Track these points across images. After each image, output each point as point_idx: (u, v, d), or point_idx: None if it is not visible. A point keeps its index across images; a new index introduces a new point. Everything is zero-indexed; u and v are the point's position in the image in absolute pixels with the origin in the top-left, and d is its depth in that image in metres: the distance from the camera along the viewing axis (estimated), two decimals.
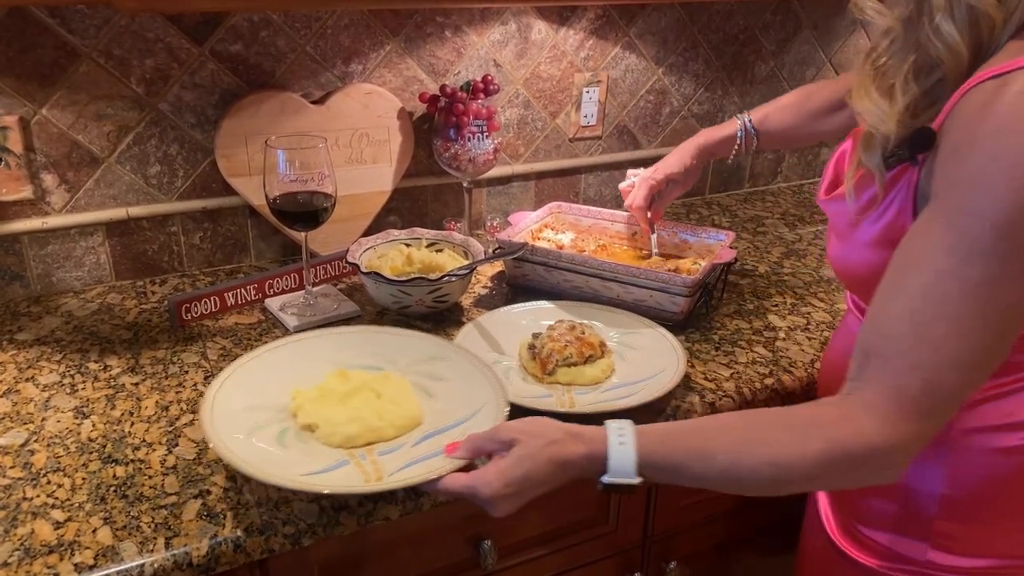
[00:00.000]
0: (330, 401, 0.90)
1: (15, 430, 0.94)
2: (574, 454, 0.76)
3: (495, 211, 1.61)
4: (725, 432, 0.76)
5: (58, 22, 1.16)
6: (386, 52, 1.39)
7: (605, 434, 0.75)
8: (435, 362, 1.00)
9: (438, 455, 0.82)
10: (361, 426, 0.87)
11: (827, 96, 1.23)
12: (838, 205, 0.83)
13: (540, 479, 0.75)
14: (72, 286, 1.30)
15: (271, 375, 0.95)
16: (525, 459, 0.75)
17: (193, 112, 1.29)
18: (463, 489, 0.76)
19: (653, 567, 1.17)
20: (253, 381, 0.93)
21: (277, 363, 0.98)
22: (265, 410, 0.91)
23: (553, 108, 1.59)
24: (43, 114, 1.19)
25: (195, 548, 0.78)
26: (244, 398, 0.90)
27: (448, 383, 0.96)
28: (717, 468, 0.73)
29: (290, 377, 0.95)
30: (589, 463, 0.75)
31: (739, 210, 1.77)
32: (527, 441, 0.76)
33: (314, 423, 0.88)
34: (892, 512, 0.88)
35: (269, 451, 0.85)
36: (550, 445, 0.75)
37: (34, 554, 0.76)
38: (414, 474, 0.80)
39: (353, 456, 0.85)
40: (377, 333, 1.07)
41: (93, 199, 1.27)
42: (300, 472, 0.81)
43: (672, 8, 1.62)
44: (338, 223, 1.29)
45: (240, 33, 1.27)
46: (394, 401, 0.91)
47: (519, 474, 0.74)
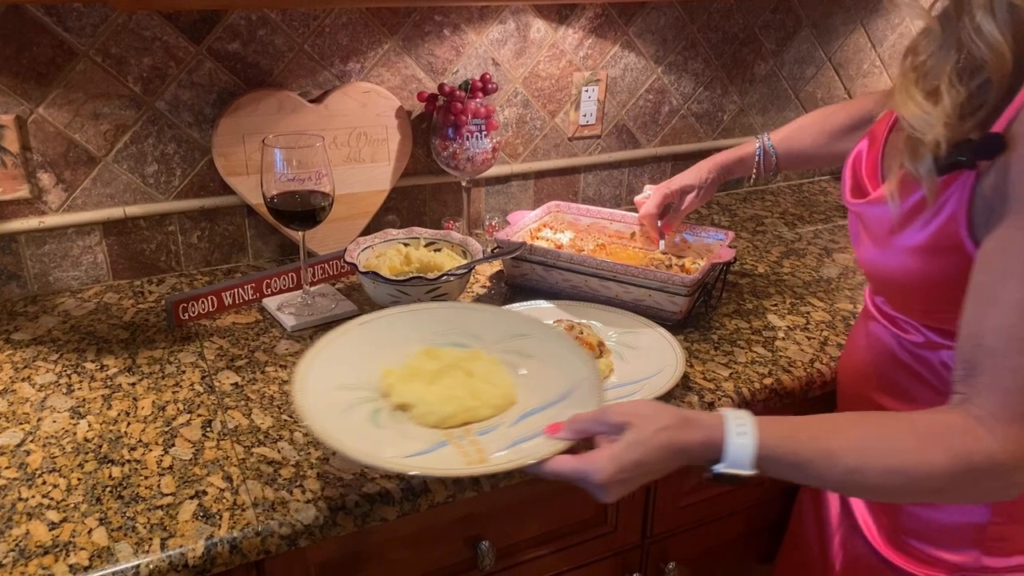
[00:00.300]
0: (421, 380, 0.88)
1: (11, 430, 0.94)
2: (690, 441, 0.73)
3: (493, 210, 1.60)
4: (849, 434, 0.73)
5: (55, 20, 1.15)
6: (384, 51, 1.39)
7: (722, 422, 0.73)
8: (521, 339, 0.96)
9: (538, 435, 0.79)
10: (457, 406, 0.84)
11: (845, 117, 1.22)
12: (875, 209, 0.81)
13: (653, 465, 0.73)
14: (69, 285, 1.30)
15: (355, 354, 0.91)
16: (638, 444, 0.72)
17: (190, 111, 1.28)
18: (572, 473, 0.74)
19: (652, 568, 1.16)
20: (338, 360, 0.89)
21: (360, 342, 0.93)
22: (355, 390, 0.87)
23: (552, 107, 1.58)
24: (39, 113, 1.19)
25: (191, 549, 0.77)
26: (333, 377, 0.87)
27: (536, 360, 0.93)
28: (840, 470, 0.71)
29: (374, 356, 0.91)
30: (704, 450, 0.73)
31: (739, 209, 1.77)
32: (640, 425, 0.73)
33: (408, 403, 0.85)
34: (941, 522, 0.88)
35: (366, 432, 0.81)
36: (664, 430, 0.73)
37: (29, 555, 0.76)
38: (517, 455, 0.77)
39: (451, 437, 0.82)
40: (458, 310, 1.03)
41: (90, 198, 1.27)
42: (401, 454, 0.78)
43: (671, 7, 1.61)
44: (336, 222, 1.29)
45: (238, 31, 1.27)
46: (486, 380, 0.88)
47: (633, 459, 0.72)
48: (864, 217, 0.86)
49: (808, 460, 0.72)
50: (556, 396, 0.86)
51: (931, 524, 0.88)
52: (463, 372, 0.89)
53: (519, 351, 0.94)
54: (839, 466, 0.71)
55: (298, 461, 0.90)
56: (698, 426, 0.74)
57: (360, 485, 0.86)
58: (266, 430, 0.95)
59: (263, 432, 0.94)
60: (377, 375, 0.89)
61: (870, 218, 0.84)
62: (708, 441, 0.73)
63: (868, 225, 0.85)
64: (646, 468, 0.73)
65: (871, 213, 0.84)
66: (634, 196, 1.75)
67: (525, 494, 0.98)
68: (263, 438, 0.93)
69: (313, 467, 0.89)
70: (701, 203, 1.32)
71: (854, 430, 0.74)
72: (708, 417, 0.75)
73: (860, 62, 1.91)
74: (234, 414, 0.98)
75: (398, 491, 0.86)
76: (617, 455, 0.72)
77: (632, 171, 1.73)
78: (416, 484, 0.86)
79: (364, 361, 0.90)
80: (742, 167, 1.30)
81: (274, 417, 0.97)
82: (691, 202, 1.31)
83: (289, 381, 1.04)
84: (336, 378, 0.87)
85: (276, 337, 1.16)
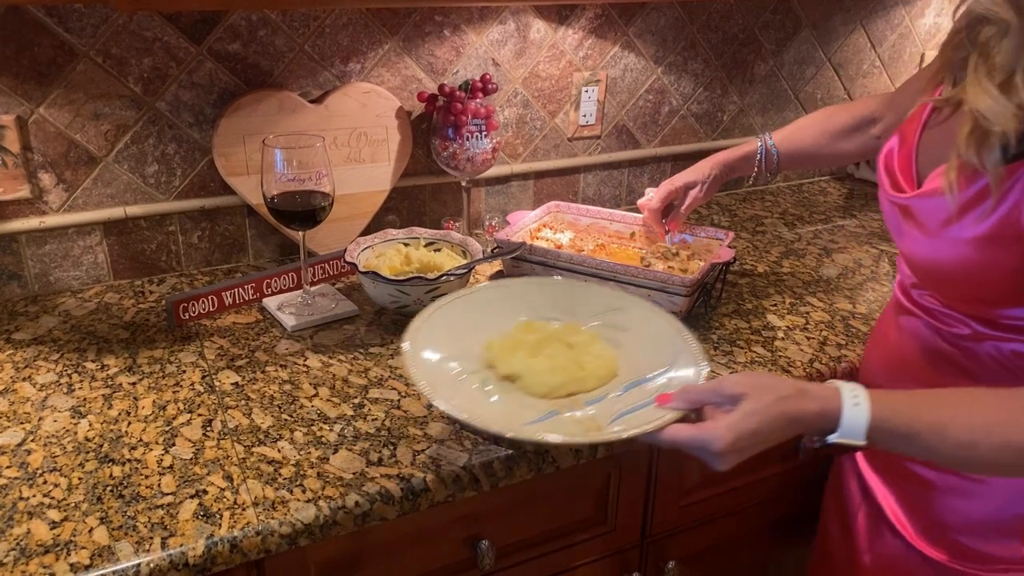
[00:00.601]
0: (523, 352, 0.89)
1: (12, 429, 0.94)
2: (806, 411, 0.75)
3: (493, 210, 1.61)
4: (960, 408, 0.75)
5: (55, 21, 1.16)
6: (384, 51, 1.39)
7: (838, 393, 0.75)
8: (615, 313, 0.97)
9: (647, 406, 0.81)
10: (564, 376, 0.86)
11: (847, 117, 1.23)
12: (927, 202, 0.82)
13: (768, 434, 0.75)
14: (70, 285, 1.30)
15: (455, 327, 0.93)
16: (755, 414, 0.75)
17: (191, 111, 1.29)
18: (690, 441, 0.76)
19: (652, 567, 1.16)
20: (439, 334, 0.91)
21: (458, 316, 0.95)
22: (461, 360, 0.89)
23: (552, 107, 1.58)
24: (40, 113, 1.19)
25: (191, 548, 0.78)
26: (438, 350, 0.89)
27: (632, 333, 0.94)
28: (951, 443, 0.72)
29: (473, 329, 0.93)
30: (819, 421, 0.75)
31: (738, 209, 1.77)
32: (756, 396, 0.75)
33: (516, 373, 0.87)
34: (984, 515, 0.88)
35: (480, 402, 0.83)
36: (781, 400, 0.75)
37: (30, 554, 0.76)
38: (632, 424, 0.79)
39: (560, 406, 0.84)
40: (552, 285, 1.04)
41: (91, 198, 1.27)
42: (519, 423, 0.80)
43: (671, 7, 1.61)
44: (336, 222, 1.29)
45: (238, 32, 1.27)
46: (587, 352, 0.90)
47: (750, 429, 0.74)
48: (914, 210, 0.86)
49: (919, 433, 0.73)
50: (658, 368, 0.88)
51: (972, 517, 0.89)
52: (563, 344, 0.91)
53: (614, 324, 0.96)
54: (950, 440, 0.72)
55: (298, 460, 0.90)
56: (813, 397, 0.76)
57: (360, 484, 0.86)
58: (266, 429, 0.95)
59: (263, 431, 0.95)
60: (479, 347, 0.91)
61: (921, 211, 0.85)
62: (823, 412, 0.75)
63: (918, 218, 0.85)
64: (762, 437, 0.75)
65: (922, 206, 0.84)
66: (633, 196, 1.75)
67: (524, 494, 0.98)
68: (263, 437, 0.94)
69: (313, 466, 0.89)
70: (704, 200, 1.32)
71: (965, 404, 0.75)
72: (822, 388, 0.77)
73: (860, 62, 1.92)
74: (234, 414, 0.98)
75: (398, 491, 0.86)
76: (734, 424, 0.74)
77: (632, 171, 1.73)
78: (416, 484, 0.87)
79: (465, 334, 0.93)
80: (744, 165, 1.31)
81: (274, 417, 0.98)
82: (694, 198, 1.31)
83: (290, 380, 1.05)
84: (442, 350, 0.89)
85: (276, 337, 1.16)
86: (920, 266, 0.88)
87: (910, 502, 0.96)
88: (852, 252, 1.54)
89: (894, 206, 0.89)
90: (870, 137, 1.21)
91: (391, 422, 0.97)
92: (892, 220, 0.91)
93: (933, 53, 2.00)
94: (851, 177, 2.00)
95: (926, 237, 0.84)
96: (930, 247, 0.84)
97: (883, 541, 1.00)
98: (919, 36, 1.97)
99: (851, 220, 1.71)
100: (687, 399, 0.80)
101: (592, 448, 0.92)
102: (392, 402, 1.01)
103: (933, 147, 0.86)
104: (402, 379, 1.06)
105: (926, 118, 0.89)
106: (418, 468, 0.89)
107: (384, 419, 0.97)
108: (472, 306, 0.97)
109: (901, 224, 0.89)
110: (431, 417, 0.98)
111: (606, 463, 1.02)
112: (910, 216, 0.87)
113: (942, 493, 0.91)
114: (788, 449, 1.19)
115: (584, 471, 1.01)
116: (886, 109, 1.19)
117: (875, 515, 1.02)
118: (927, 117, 0.89)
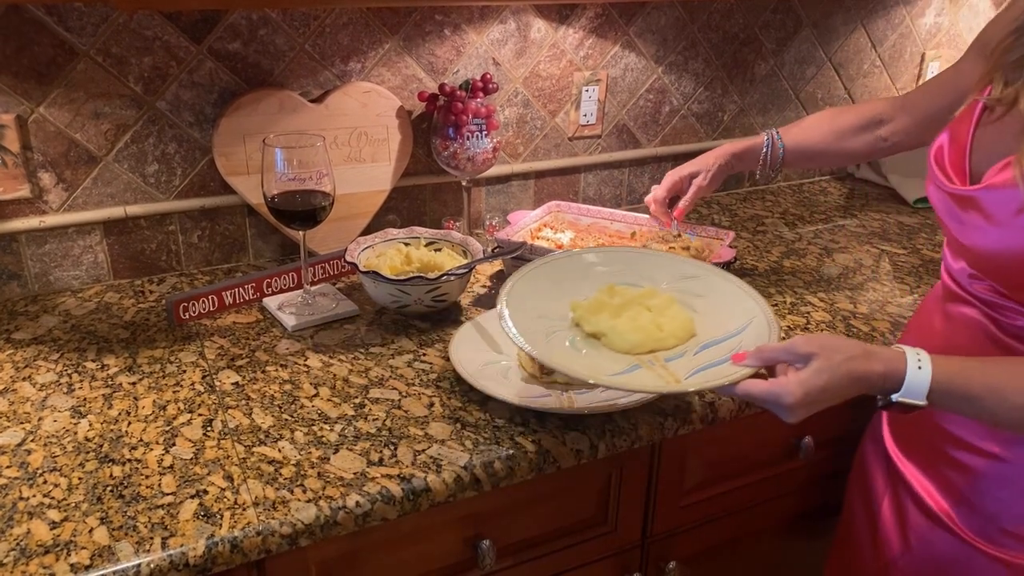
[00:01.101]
0: (607, 312, 0.96)
1: (12, 429, 0.94)
2: (872, 371, 0.82)
3: (494, 210, 1.60)
4: (1018, 373, 0.81)
5: (55, 20, 1.15)
6: (385, 51, 1.39)
7: (903, 355, 0.82)
8: (690, 280, 1.04)
9: (723, 363, 0.88)
10: (645, 335, 0.93)
11: (855, 117, 1.25)
12: (995, 193, 0.85)
13: (836, 391, 0.81)
14: (70, 285, 1.30)
15: (542, 290, 1.01)
16: (824, 371, 0.81)
17: (191, 110, 1.28)
18: (764, 394, 0.82)
19: (652, 567, 1.16)
20: (529, 295, 0.99)
21: (543, 281, 1.02)
22: (550, 319, 0.97)
23: (552, 107, 1.58)
24: (40, 112, 1.19)
25: (192, 548, 0.78)
26: (529, 310, 0.96)
27: (707, 299, 1.01)
28: (1008, 406, 0.80)
29: (559, 292, 1.01)
30: (884, 381, 0.82)
31: (739, 209, 1.77)
32: (826, 355, 0.81)
33: (600, 331, 0.94)
34: (1019, 497, 0.91)
35: (571, 355, 0.92)
36: (849, 360, 0.81)
37: (30, 554, 0.76)
38: (709, 378, 0.86)
39: (643, 361, 0.91)
40: (630, 253, 1.10)
41: (91, 198, 1.27)
42: (606, 374, 0.88)
43: (672, 7, 1.61)
44: (336, 222, 1.29)
45: (239, 31, 1.27)
46: (665, 314, 0.97)
47: (819, 385, 0.80)
48: (981, 202, 0.88)
49: (978, 395, 0.80)
50: (733, 330, 0.95)
51: (1012, 500, 0.91)
52: (643, 307, 0.98)
53: (690, 291, 1.03)
54: (1008, 402, 0.80)
55: (299, 460, 0.90)
56: (880, 358, 0.82)
57: (361, 484, 0.86)
58: (267, 429, 0.95)
59: (264, 431, 0.95)
60: (565, 308, 0.99)
61: (989, 202, 0.87)
62: (888, 372, 0.82)
63: (986, 209, 0.88)
64: (830, 394, 0.81)
65: (990, 197, 0.86)
66: (634, 196, 1.75)
67: (525, 494, 0.98)
68: (264, 437, 0.94)
69: (314, 466, 0.89)
70: (709, 190, 1.33)
71: (1020, 369, 0.82)
72: (888, 351, 0.83)
73: (860, 62, 1.92)
74: (235, 413, 0.98)
75: (399, 491, 0.86)
76: (805, 380, 0.81)
77: (632, 171, 1.73)
78: (417, 484, 0.87)
79: (552, 296, 1.00)
80: (749, 157, 1.31)
81: (275, 416, 0.97)
82: (698, 187, 1.32)
83: (291, 380, 1.05)
84: (533, 310, 0.97)
85: (277, 337, 1.16)
86: (985, 256, 0.90)
87: (948, 487, 0.98)
88: (853, 252, 1.54)
89: (952, 198, 0.92)
90: (877, 138, 1.23)
91: (392, 422, 0.97)
92: (948, 212, 0.93)
93: (933, 53, 2.00)
94: (852, 177, 2.00)
95: (994, 227, 0.87)
96: (998, 237, 0.86)
97: (912, 526, 1.02)
98: (919, 36, 1.97)
99: (852, 220, 1.71)
100: (761, 357, 0.86)
101: (673, 397, 1.01)
102: (393, 402, 1.01)
103: (987, 143, 0.89)
104: (403, 379, 1.06)
105: (977, 117, 0.92)
106: (419, 468, 0.89)
107: (385, 419, 0.97)
108: (559, 272, 1.04)
109: (960, 215, 0.91)
110: (432, 417, 0.98)
111: (607, 463, 1.02)
112: (974, 207, 0.89)
113: (985, 479, 0.94)
114: (789, 448, 1.19)
115: (585, 471, 1.01)
116: (897, 111, 1.21)
117: (903, 502, 1.04)
118: (978, 116, 0.92)
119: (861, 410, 1.20)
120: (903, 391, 0.81)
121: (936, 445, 0.99)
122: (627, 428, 0.97)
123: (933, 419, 0.98)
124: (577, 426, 0.97)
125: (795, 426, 1.14)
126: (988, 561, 0.94)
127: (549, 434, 0.95)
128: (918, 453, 1.03)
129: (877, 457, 1.10)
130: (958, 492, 0.97)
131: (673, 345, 0.94)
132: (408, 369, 1.08)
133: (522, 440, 0.94)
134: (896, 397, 0.82)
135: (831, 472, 1.25)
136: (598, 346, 0.95)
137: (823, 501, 1.29)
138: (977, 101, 0.92)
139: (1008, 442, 0.92)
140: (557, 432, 0.95)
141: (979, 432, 0.94)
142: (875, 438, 1.12)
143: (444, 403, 1.01)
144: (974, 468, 0.95)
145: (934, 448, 1.00)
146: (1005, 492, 0.93)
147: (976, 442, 0.94)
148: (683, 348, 0.94)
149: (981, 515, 0.95)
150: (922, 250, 1.55)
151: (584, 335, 0.96)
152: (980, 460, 0.94)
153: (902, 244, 1.58)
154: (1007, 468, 0.92)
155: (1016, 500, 0.92)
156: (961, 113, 0.94)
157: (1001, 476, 0.93)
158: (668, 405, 1.02)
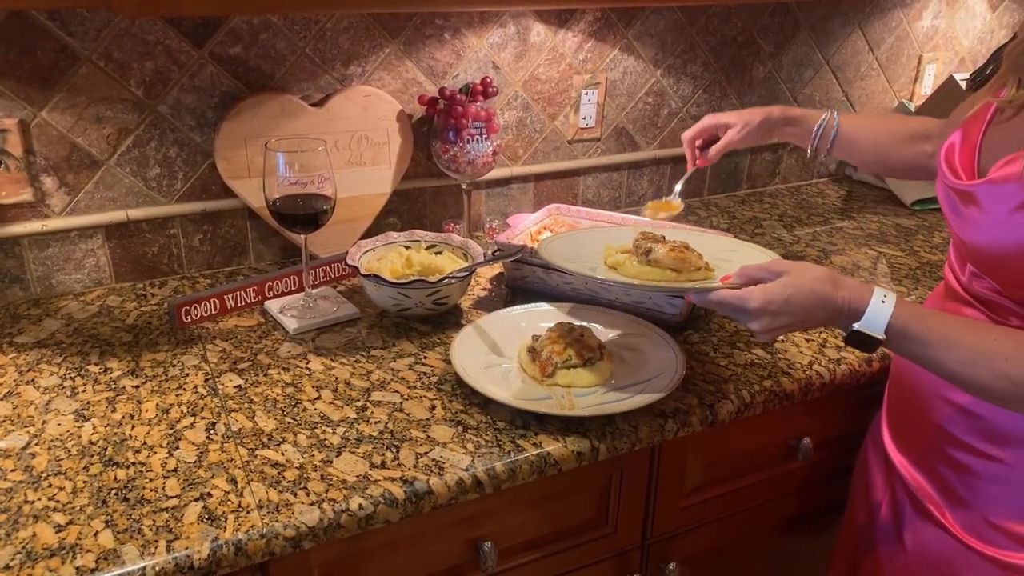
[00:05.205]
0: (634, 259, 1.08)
1: (16, 433, 0.95)
2: (836, 296, 0.86)
3: (494, 213, 1.61)
4: (974, 331, 0.84)
5: (58, 25, 1.16)
6: (385, 55, 1.39)
7: (871, 289, 0.86)
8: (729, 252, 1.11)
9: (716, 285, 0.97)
10: (660, 275, 1.01)
11: (910, 125, 1.22)
12: (996, 188, 0.86)
13: (798, 307, 0.86)
14: (72, 288, 1.30)
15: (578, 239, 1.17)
16: (790, 286, 0.86)
17: (193, 114, 1.29)
18: (732, 298, 0.89)
19: (652, 568, 1.17)
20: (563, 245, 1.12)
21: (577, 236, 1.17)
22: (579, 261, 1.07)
23: (552, 110, 1.59)
24: (43, 117, 1.20)
25: (196, 551, 0.78)
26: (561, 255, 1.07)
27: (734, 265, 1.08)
28: (954, 358, 0.82)
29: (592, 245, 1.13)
30: (846, 307, 0.86)
31: (737, 211, 1.78)
32: (796, 272, 0.87)
33: (618, 262, 1.07)
34: (1017, 498, 0.92)
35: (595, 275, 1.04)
36: (816, 280, 0.86)
37: (36, 557, 0.76)
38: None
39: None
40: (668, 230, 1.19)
41: (93, 202, 1.27)
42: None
43: (670, 10, 1.62)
44: (337, 225, 1.29)
45: (240, 36, 1.27)
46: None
47: (783, 296, 0.86)
48: (980, 197, 0.89)
49: (931, 342, 0.83)
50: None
51: (1010, 501, 0.92)
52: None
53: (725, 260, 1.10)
54: (954, 355, 0.82)
55: (302, 463, 0.90)
56: (847, 287, 0.87)
57: (363, 487, 0.87)
58: (270, 432, 0.95)
59: (267, 434, 0.95)
60: (599, 252, 1.10)
61: (988, 198, 0.88)
62: (852, 300, 0.85)
63: (984, 204, 0.88)
64: (792, 308, 0.86)
65: (989, 193, 0.87)
66: (633, 198, 1.76)
67: (527, 496, 0.99)
68: (267, 440, 0.94)
69: (316, 469, 0.89)
70: (739, 145, 1.28)
71: (978, 329, 0.84)
72: (858, 284, 0.87)
73: (858, 65, 1.92)
74: (238, 416, 0.99)
75: (401, 493, 0.86)
76: (770, 290, 0.87)
77: (631, 173, 1.74)
78: (419, 486, 0.87)
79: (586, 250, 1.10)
80: (795, 128, 1.27)
81: (277, 419, 0.98)
82: (729, 139, 1.27)
83: (293, 383, 1.05)
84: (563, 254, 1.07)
85: (279, 340, 1.16)
86: (982, 252, 0.91)
87: (943, 486, 0.99)
88: (850, 254, 1.54)
89: (955, 193, 0.92)
90: (922, 152, 1.20)
91: (394, 425, 0.97)
92: (951, 207, 0.94)
93: (930, 55, 2.01)
94: (849, 179, 2.01)
95: (990, 223, 0.88)
96: (997, 233, 0.87)
97: (908, 525, 1.03)
98: (916, 39, 1.98)
99: (849, 222, 1.72)
100: (743, 274, 0.92)
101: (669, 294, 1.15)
102: (395, 405, 1.01)
103: (997, 143, 0.90)
104: (404, 382, 1.06)
105: (990, 117, 0.93)
106: (421, 471, 0.89)
107: (387, 422, 0.98)
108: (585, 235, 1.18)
109: (961, 210, 0.92)
110: (433, 419, 0.98)
111: (607, 465, 1.03)
112: (974, 203, 0.90)
113: (979, 478, 0.94)
114: (788, 450, 1.20)
115: (585, 473, 1.01)
116: (944, 130, 1.18)
117: (901, 502, 1.05)
118: (991, 116, 0.93)
119: (861, 411, 1.21)
120: (863, 320, 0.84)
121: (934, 445, 1.00)
122: (627, 430, 0.98)
123: (932, 419, 0.99)
124: (578, 428, 0.97)
125: (795, 427, 1.16)
126: (982, 560, 0.95)
127: (550, 436, 0.96)
128: (915, 452, 1.04)
129: (877, 457, 1.11)
130: (952, 491, 0.98)
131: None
132: (409, 372, 1.09)
133: (523, 442, 0.94)
134: (856, 326, 0.84)
135: (830, 473, 1.26)
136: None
137: (822, 502, 1.30)
138: (991, 103, 0.93)
139: (1004, 443, 0.92)
140: (558, 434, 0.96)
141: (977, 433, 0.94)
142: (875, 438, 1.12)
143: (445, 406, 1.01)
144: (969, 467, 0.96)
145: (931, 447, 1.00)
146: (998, 491, 0.94)
147: (973, 443, 0.95)
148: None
149: (975, 514, 0.96)
150: (919, 252, 1.56)
151: None
152: (975, 460, 0.95)
153: (900, 246, 1.59)
154: (1001, 468, 0.93)
155: (1009, 499, 0.93)
156: (975, 113, 0.95)
157: (995, 475, 0.94)
158: (668, 407, 1.02)
